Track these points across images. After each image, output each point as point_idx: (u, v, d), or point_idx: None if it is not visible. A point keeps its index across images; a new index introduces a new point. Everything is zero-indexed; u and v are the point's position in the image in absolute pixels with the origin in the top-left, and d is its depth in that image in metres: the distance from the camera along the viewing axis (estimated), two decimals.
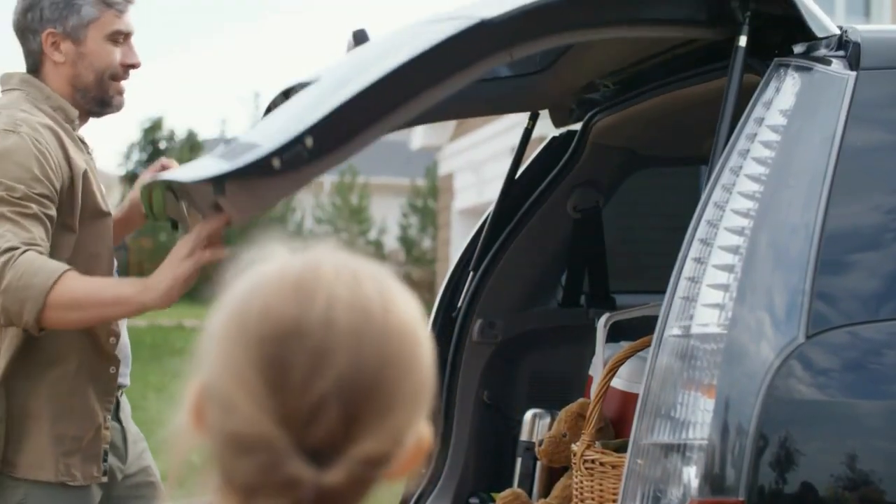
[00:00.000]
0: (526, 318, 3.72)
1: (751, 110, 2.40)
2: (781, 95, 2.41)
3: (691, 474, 2.16)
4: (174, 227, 2.80)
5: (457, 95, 2.37)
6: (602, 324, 3.30)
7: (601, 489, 2.77)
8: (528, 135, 3.63)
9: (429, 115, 3.10)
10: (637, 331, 3.03)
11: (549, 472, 3.37)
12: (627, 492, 2.25)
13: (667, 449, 2.20)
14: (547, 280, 3.80)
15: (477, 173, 17.52)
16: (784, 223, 2.29)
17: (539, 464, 3.40)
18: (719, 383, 2.16)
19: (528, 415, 3.48)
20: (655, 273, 3.19)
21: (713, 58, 2.86)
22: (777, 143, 2.34)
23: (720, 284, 2.23)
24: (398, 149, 28.54)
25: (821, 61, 2.46)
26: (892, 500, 2.20)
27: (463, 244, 3.79)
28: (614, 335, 3.30)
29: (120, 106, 2.92)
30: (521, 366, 3.72)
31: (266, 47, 74.01)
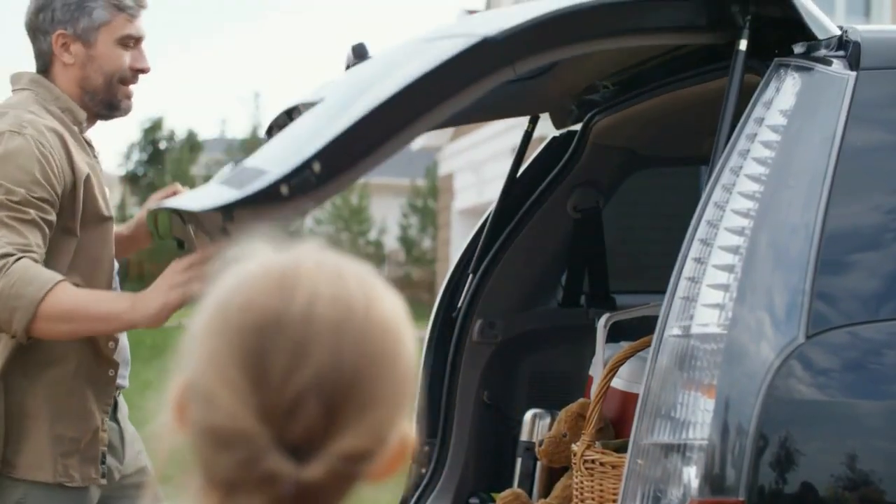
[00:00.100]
0: (526, 319, 3.72)
1: (751, 110, 2.40)
2: (781, 95, 2.40)
3: (691, 474, 2.15)
4: (180, 247, 2.80)
5: None
6: (602, 324, 3.30)
7: (601, 489, 2.77)
8: (529, 138, 3.63)
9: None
10: (637, 331, 3.03)
11: (550, 473, 3.37)
12: (627, 492, 2.25)
13: (667, 449, 2.20)
14: (547, 280, 3.80)
15: (477, 173, 17.53)
16: (784, 223, 2.29)
17: (539, 464, 3.39)
18: (719, 383, 2.16)
19: (528, 415, 3.47)
20: (655, 273, 3.18)
21: (713, 58, 2.86)
22: (777, 143, 2.33)
23: (720, 284, 2.22)
24: None
25: (821, 61, 2.45)
26: (892, 500, 2.20)
27: (463, 244, 3.79)
28: (614, 335, 3.30)
29: (128, 110, 2.92)
30: (521, 366, 3.71)
31: (266, 47, 74.10)
